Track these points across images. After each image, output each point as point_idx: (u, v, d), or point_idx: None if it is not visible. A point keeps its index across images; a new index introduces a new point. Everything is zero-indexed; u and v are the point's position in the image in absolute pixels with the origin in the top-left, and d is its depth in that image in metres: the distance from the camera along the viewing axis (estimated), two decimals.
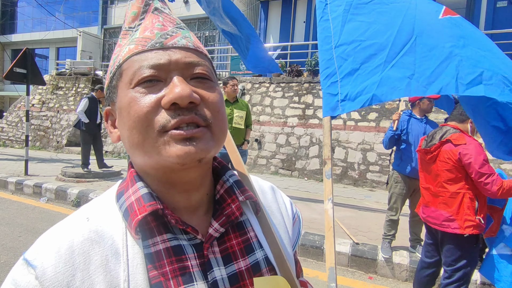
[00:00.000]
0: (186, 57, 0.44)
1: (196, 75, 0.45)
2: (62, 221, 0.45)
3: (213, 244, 0.47)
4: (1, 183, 5.85)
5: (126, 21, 0.49)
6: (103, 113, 0.51)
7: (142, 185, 0.46)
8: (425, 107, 3.08)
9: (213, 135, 0.44)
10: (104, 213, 0.45)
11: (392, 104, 6.97)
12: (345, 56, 0.95)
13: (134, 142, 0.42)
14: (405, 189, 3.09)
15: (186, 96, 0.40)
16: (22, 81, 6.35)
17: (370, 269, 3.11)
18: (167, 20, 0.48)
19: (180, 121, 0.41)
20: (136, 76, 0.42)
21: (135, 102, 0.42)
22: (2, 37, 18.96)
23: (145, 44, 0.44)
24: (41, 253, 0.40)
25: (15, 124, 11.59)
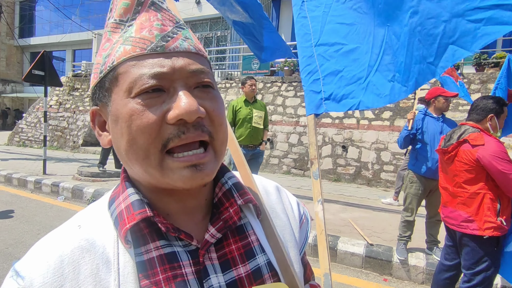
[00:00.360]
0: (189, 64, 0.41)
1: (201, 84, 0.42)
2: (55, 229, 0.44)
3: (209, 250, 0.45)
4: (21, 182, 6.05)
5: (116, 12, 0.44)
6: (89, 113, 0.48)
7: (133, 191, 0.44)
8: (440, 105, 2.99)
9: (215, 153, 0.43)
10: (96, 221, 0.44)
11: (407, 103, 6.82)
12: (327, 56, 0.93)
13: (134, 157, 0.40)
14: (420, 189, 3.01)
15: (194, 112, 0.38)
16: (40, 83, 6.53)
17: (385, 271, 3.05)
18: (166, 18, 0.43)
19: (184, 140, 0.39)
20: (137, 86, 0.39)
21: (137, 116, 0.39)
22: (21, 40, 19.59)
23: (144, 47, 0.40)
24: (30, 264, 0.39)
25: (33, 125, 11.94)
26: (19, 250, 3.27)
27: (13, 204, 4.92)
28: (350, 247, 3.22)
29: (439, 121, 3.00)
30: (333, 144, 7.24)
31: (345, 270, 3.13)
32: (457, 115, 6.02)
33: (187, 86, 0.41)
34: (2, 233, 3.68)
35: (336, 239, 3.34)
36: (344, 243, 3.27)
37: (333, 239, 3.34)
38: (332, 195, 5.63)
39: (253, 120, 4.05)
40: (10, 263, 3.12)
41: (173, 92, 0.40)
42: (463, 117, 6.05)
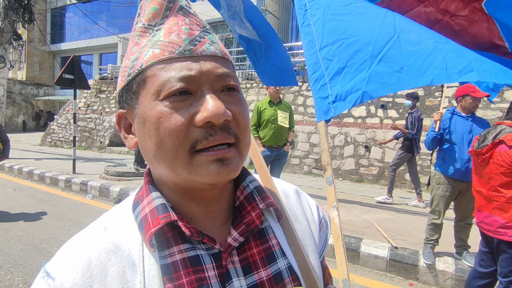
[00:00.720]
0: (216, 68, 0.42)
1: (227, 87, 0.43)
2: (82, 231, 0.46)
3: (232, 253, 0.45)
4: (53, 181, 6.37)
5: (144, 17, 0.44)
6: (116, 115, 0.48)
7: (157, 195, 0.44)
8: (466, 105, 2.85)
9: (240, 153, 0.43)
10: (121, 224, 0.45)
11: (433, 101, 6.56)
12: (330, 56, 0.93)
13: (162, 158, 0.41)
14: (448, 191, 2.89)
15: (221, 115, 0.39)
16: (70, 86, 6.86)
17: (410, 275, 2.96)
18: (193, 22, 0.44)
19: (212, 142, 0.40)
20: (166, 89, 0.40)
21: (165, 118, 0.39)
22: (52, 46, 20.64)
23: (172, 50, 0.41)
24: (60, 265, 0.41)
25: (64, 126, 12.55)
26: (51, 245, 3.45)
27: (46, 201, 5.20)
28: (373, 250, 3.14)
29: (468, 120, 2.87)
30: (356, 144, 7.10)
31: (368, 273, 3.06)
32: (489, 114, 5.72)
33: (213, 89, 0.41)
34: (36, 229, 3.89)
35: (359, 241, 3.27)
36: (367, 246, 3.20)
37: (356, 241, 3.28)
38: (355, 196, 5.52)
39: (278, 120, 4.05)
40: (44, 257, 3.31)
41: (200, 95, 0.41)
42: (496, 115, 5.74)
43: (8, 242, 3.48)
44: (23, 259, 3.10)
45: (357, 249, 3.19)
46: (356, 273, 3.02)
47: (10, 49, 8.99)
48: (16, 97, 19.39)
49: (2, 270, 2.88)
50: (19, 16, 8.75)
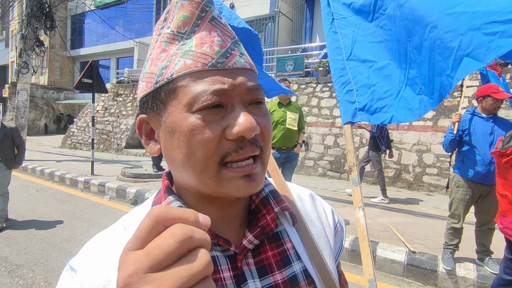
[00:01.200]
0: (247, 81, 0.42)
1: (255, 100, 0.44)
2: (104, 230, 0.48)
3: (247, 255, 0.46)
4: (72, 182, 6.57)
5: (173, 23, 0.43)
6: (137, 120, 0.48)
7: (174, 198, 0.46)
8: (487, 106, 2.75)
9: (263, 165, 0.44)
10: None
11: (452, 101, 6.38)
12: (359, 70, 0.96)
13: (191, 169, 0.42)
14: (468, 195, 2.79)
15: (253, 129, 0.40)
16: (88, 90, 7.06)
17: (429, 281, 2.87)
18: (225, 33, 0.44)
19: (243, 154, 0.41)
20: (199, 102, 0.40)
21: (198, 131, 0.40)
22: (72, 51, 21.34)
23: (205, 62, 0.41)
24: (82, 260, 0.44)
25: (83, 129, 12.94)
26: (71, 245, 3.56)
27: (66, 202, 5.36)
28: (390, 254, 3.07)
29: (489, 121, 2.77)
30: None
31: (384, 277, 2.99)
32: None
33: (243, 102, 0.42)
34: (57, 229, 4.02)
35: (375, 244, 3.21)
36: (383, 249, 3.14)
37: (372, 244, 3.22)
38: (369, 199, 5.42)
39: (286, 122, 4.03)
40: (64, 256, 3.42)
41: (231, 108, 0.41)
42: None
43: (30, 241, 3.61)
44: (45, 258, 3.21)
45: (373, 252, 3.13)
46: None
47: (33, 55, 9.35)
48: (38, 101, 20.13)
49: (25, 268, 2.99)
50: (41, 23, 9.09)
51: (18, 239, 3.66)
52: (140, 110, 0.47)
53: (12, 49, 23.95)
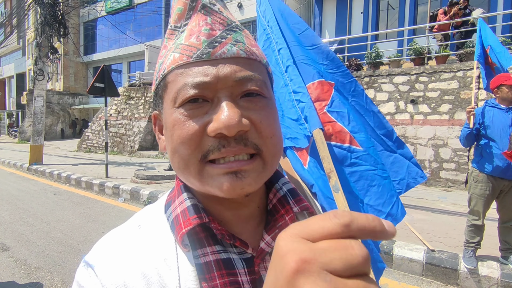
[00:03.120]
0: (236, 72, 0.39)
1: (247, 91, 0.39)
2: (118, 227, 0.46)
3: (265, 259, 0.42)
4: (88, 185, 6.71)
5: (172, 18, 0.43)
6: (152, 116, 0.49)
7: (188, 196, 0.44)
8: (504, 95, 2.64)
9: (265, 164, 0.40)
10: (154, 223, 0.45)
11: (469, 94, 6.16)
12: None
13: (176, 166, 0.41)
14: (488, 190, 2.68)
15: (233, 126, 0.36)
16: (101, 94, 7.20)
17: (450, 280, 2.77)
18: (216, 21, 0.41)
19: (223, 153, 0.37)
20: (180, 96, 0.39)
21: (178, 126, 0.39)
22: (85, 57, 21.82)
23: (190, 54, 0.39)
24: (97, 256, 0.42)
25: (97, 132, 13.21)
26: (87, 246, 3.62)
27: (82, 204, 5.47)
28: (407, 253, 2.99)
29: (509, 112, 2.64)
30: None
31: (403, 277, 2.91)
32: None
33: (232, 95, 0.39)
34: (74, 231, 4.10)
35: (391, 243, 3.12)
36: (400, 248, 3.05)
37: (388, 243, 3.13)
38: None
39: None
40: (81, 258, 3.46)
41: (217, 102, 0.38)
42: None
43: (48, 244, 3.69)
44: (62, 260, 3.27)
45: (390, 251, 3.05)
46: (389, 277, 2.89)
47: (48, 62, 9.59)
48: (54, 107, 20.69)
49: (43, 270, 3.06)
50: (55, 31, 9.32)
51: (37, 242, 3.75)
52: (153, 106, 0.48)
53: (28, 57, 24.71)
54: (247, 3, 12.40)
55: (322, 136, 0.68)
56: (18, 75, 29.00)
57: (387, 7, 11.53)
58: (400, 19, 11.09)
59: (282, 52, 0.81)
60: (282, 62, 0.80)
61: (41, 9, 9.01)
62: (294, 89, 0.76)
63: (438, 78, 6.54)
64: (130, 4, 20.48)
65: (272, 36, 0.84)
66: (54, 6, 9.11)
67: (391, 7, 11.51)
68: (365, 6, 11.47)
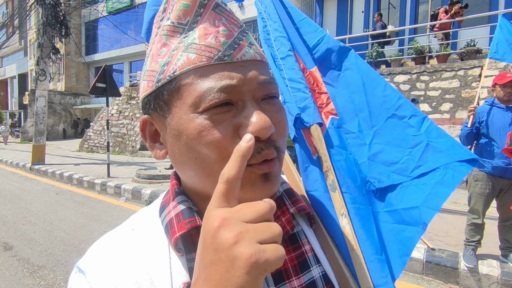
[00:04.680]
0: (258, 75, 0.38)
1: (268, 95, 0.40)
2: (111, 231, 0.46)
3: None
4: (90, 184, 6.74)
5: (173, 14, 0.39)
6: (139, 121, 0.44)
7: (182, 199, 0.43)
8: (499, 95, 2.66)
9: (280, 164, 0.41)
10: (148, 226, 0.45)
11: (470, 92, 6.15)
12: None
13: (205, 172, 0.38)
14: (488, 189, 2.69)
15: (268, 129, 0.36)
16: (102, 94, 7.22)
17: (450, 279, 2.78)
18: (230, 22, 0.40)
19: (265, 156, 0.37)
20: (206, 101, 0.36)
21: (208, 132, 0.36)
22: (87, 57, 21.86)
23: (210, 56, 0.37)
24: (90, 262, 0.42)
25: (99, 132, 13.25)
26: (89, 246, 3.60)
27: (84, 204, 5.50)
28: None
29: (508, 111, 2.65)
30: None
31: (403, 276, 2.92)
32: None
33: (255, 98, 0.39)
34: (76, 230, 4.13)
35: None
36: None
37: None
38: None
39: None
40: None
41: (242, 106, 0.38)
42: None
43: (51, 243, 3.72)
44: (65, 259, 3.30)
45: None
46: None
47: (50, 63, 9.63)
48: (56, 107, 20.76)
49: (46, 269, 3.09)
50: (57, 31, 9.36)
51: (40, 241, 3.78)
52: (143, 111, 0.44)
53: (30, 58, 24.80)
54: (248, 2, 12.41)
55: (320, 133, 0.66)
56: (20, 76, 29.11)
57: (388, 6, 11.51)
58: (401, 18, 11.07)
59: (281, 40, 0.79)
60: (278, 50, 0.78)
61: (43, 10, 9.04)
62: (291, 77, 0.73)
63: (439, 77, 6.54)
64: (131, 4, 20.51)
65: (268, 23, 0.83)
66: (56, 6, 9.14)
67: (392, 6, 11.49)
68: (366, 5, 11.45)
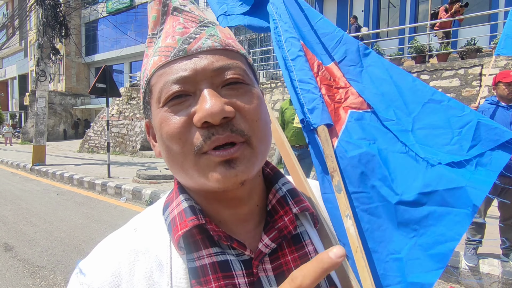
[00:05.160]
0: (213, 62, 0.39)
1: (228, 81, 0.40)
2: (115, 232, 0.47)
3: (264, 260, 0.42)
4: (90, 185, 6.74)
5: (149, 27, 0.45)
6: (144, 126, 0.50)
7: (185, 197, 0.44)
8: (501, 93, 2.65)
9: (253, 150, 0.40)
10: (151, 225, 0.45)
11: (471, 91, 6.14)
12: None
13: (174, 163, 0.40)
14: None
15: (217, 113, 0.36)
16: (102, 94, 7.22)
17: (451, 278, 2.77)
18: (188, 20, 0.42)
19: (215, 141, 0.37)
20: (163, 94, 0.39)
21: (165, 123, 0.39)
22: (87, 58, 21.90)
23: (168, 54, 0.40)
24: (92, 264, 0.42)
25: (99, 133, 13.26)
26: (90, 246, 3.64)
27: (85, 204, 5.50)
28: None
29: (509, 110, 2.64)
30: None
31: None
32: None
33: (213, 86, 0.39)
34: (76, 231, 4.13)
35: None
36: None
37: None
38: None
39: (294, 120, 4.02)
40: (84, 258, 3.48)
41: (199, 95, 0.39)
42: None
43: (51, 243, 3.72)
44: (65, 259, 3.30)
45: None
46: None
47: (50, 63, 9.64)
48: (57, 108, 20.78)
49: (46, 270, 3.09)
50: (56, 32, 9.36)
51: (40, 241, 3.78)
52: (145, 116, 0.48)
53: (30, 59, 24.82)
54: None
55: (327, 133, 0.67)
56: (20, 76, 29.14)
57: (388, 5, 11.51)
58: (401, 17, 11.06)
59: (292, 41, 0.79)
60: (289, 51, 0.77)
61: (43, 11, 9.05)
62: (301, 78, 0.73)
63: (440, 76, 6.53)
64: (131, 4, 20.52)
65: (279, 24, 0.82)
66: (56, 7, 9.15)
67: (392, 5, 11.48)
68: (366, 5, 11.45)
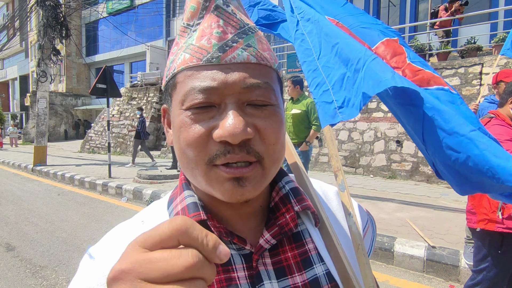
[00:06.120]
0: (245, 79, 0.39)
1: (254, 102, 0.40)
2: (123, 222, 0.49)
3: (263, 255, 0.43)
4: (91, 185, 6.76)
5: (185, 15, 0.43)
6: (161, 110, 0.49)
7: (189, 193, 0.45)
8: (501, 91, 2.65)
9: (264, 170, 0.40)
10: (157, 218, 0.47)
11: (471, 90, 6.14)
12: (330, 64, 0.84)
13: (184, 165, 0.42)
14: None
15: (238, 135, 0.37)
16: (103, 95, 7.24)
17: (451, 277, 2.78)
18: (228, 24, 0.41)
19: (229, 159, 0.38)
20: (188, 100, 0.39)
21: (185, 129, 0.39)
22: (87, 58, 21.94)
23: (200, 57, 0.39)
24: (101, 249, 0.45)
25: (100, 133, 13.28)
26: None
27: (86, 204, 5.52)
28: (408, 249, 3.00)
29: None
30: (386, 139, 6.82)
31: (404, 273, 2.92)
32: None
33: (239, 102, 0.39)
34: (78, 231, 4.15)
35: (392, 240, 3.14)
36: (401, 245, 3.06)
37: (389, 240, 3.14)
38: (387, 193, 5.31)
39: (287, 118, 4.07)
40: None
41: (223, 108, 0.39)
42: None
43: (53, 243, 3.74)
44: (67, 259, 3.32)
45: (391, 248, 3.06)
46: (390, 274, 2.90)
47: (51, 64, 9.66)
48: (57, 108, 20.82)
49: (48, 269, 3.10)
50: (57, 32, 9.38)
51: (42, 241, 3.80)
52: (163, 101, 0.48)
53: (31, 59, 24.86)
54: None
55: (332, 133, 0.69)
56: (21, 77, 29.20)
57: (388, 4, 11.50)
58: (401, 16, 11.05)
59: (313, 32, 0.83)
60: (314, 51, 0.82)
61: (43, 11, 9.06)
62: (318, 82, 0.78)
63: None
64: (131, 5, 20.54)
65: (298, 17, 0.87)
66: (56, 8, 9.16)
67: (392, 4, 11.47)
68: (365, 4, 11.44)
